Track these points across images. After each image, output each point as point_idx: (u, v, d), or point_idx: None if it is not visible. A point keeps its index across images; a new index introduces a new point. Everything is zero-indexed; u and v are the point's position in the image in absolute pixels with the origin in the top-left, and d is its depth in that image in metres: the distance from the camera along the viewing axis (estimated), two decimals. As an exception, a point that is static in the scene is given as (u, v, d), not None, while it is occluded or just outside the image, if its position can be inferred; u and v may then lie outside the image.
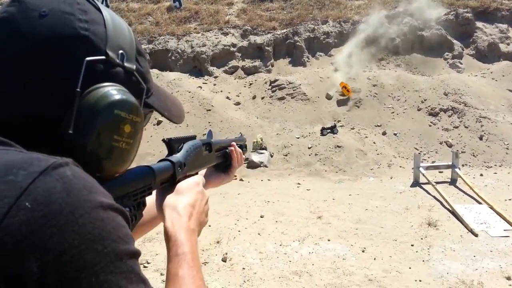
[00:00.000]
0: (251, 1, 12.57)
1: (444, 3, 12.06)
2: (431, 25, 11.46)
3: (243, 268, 4.01)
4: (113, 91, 0.58)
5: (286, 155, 7.69)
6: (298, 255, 4.32)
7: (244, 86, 9.99)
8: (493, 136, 8.09)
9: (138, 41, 0.68)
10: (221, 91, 9.71)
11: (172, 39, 10.97)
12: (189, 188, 0.83)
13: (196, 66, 10.59)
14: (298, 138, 8.12)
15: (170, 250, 0.71)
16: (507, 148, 7.82)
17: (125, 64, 0.62)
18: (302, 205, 5.82)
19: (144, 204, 0.74)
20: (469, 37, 11.48)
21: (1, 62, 0.55)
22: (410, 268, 3.99)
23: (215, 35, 11.17)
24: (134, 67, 0.64)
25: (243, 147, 1.33)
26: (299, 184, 6.85)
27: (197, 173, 0.95)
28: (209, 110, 8.60)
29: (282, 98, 9.29)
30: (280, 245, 4.55)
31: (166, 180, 0.82)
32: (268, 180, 7.05)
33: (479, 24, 11.65)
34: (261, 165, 7.36)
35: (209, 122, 8.39)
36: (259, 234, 4.86)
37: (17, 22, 0.55)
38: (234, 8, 12.39)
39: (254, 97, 9.53)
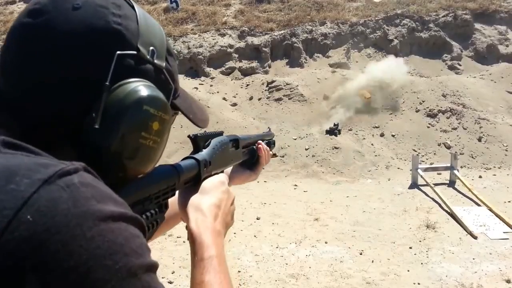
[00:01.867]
0: (248, 2, 12.53)
1: (442, 5, 12.05)
2: (430, 26, 11.44)
3: (239, 271, 3.95)
4: (143, 87, 0.56)
5: (283, 157, 7.63)
6: (294, 257, 4.25)
7: (241, 87, 9.93)
8: (492, 137, 8.04)
9: (168, 41, 0.67)
10: (218, 92, 9.65)
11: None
12: (214, 188, 0.80)
13: (192, 67, 10.53)
14: (295, 139, 8.06)
15: (196, 254, 0.67)
16: (506, 150, 7.77)
17: (155, 61, 0.61)
18: (299, 207, 5.76)
19: (166, 206, 0.70)
20: (467, 38, 11.46)
21: (32, 55, 0.54)
22: (408, 271, 3.93)
23: (212, 36, 11.12)
24: (164, 65, 0.63)
25: (271, 143, 1.28)
26: (296, 185, 6.78)
27: (222, 172, 0.91)
28: (206, 111, 8.54)
29: (279, 99, 9.23)
30: (277, 247, 4.49)
31: (191, 180, 0.78)
32: (265, 181, 6.99)
33: (477, 25, 11.64)
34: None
35: (205, 123, 8.33)
36: (255, 236, 4.79)
37: (49, 13, 0.54)
38: (231, 9, 12.34)
39: (251, 98, 9.47)
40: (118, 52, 0.55)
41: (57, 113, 0.54)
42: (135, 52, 0.58)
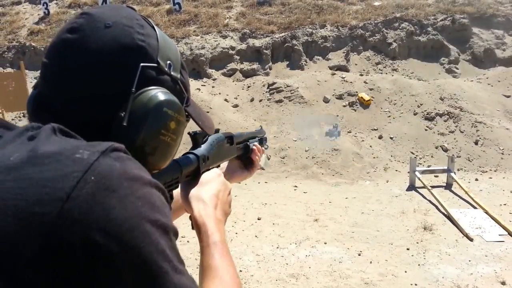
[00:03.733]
0: (250, 4, 12.62)
1: (441, 9, 12.16)
2: (428, 30, 11.55)
3: (240, 271, 4.05)
4: (162, 93, 0.66)
5: (283, 158, 7.72)
6: (295, 258, 4.35)
7: (242, 89, 10.02)
8: (488, 141, 8.15)
9: (182, 58, 0.77)
10: (220, 94, 9.74)
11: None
12: (212, 179, 0.89)
13: (195, 69, 10.61)
14: (295, 141, 8.15)
15: (202, 241, 0.77)
16: (502, 153, 7.88)
17: (172, 73, 0.70)
18: (299, 207, 5.86)
19: (172, 197, 0.78)
20: (465, 42, 11.56)
21: (69, 69, 0.63)
22: (406, 272, 4.03)
23: (214, 38, 11.20)
24: (179, 76, 0.73)
25: (263, 140, 1.39)
26: (296, 186, 6.88)
27: (219, 166, 1.00)
28: (208, 112, 8.61)
29: (279, 101, 9.33)
30: (277, 247, 4.58)
31: (191, 173, 0.86)
32: (265, 182, 7.08)
33: (475, 29, 11.74)
34: (258, 168, 7.38)
35: (207, 124, 8.39)
36: (256, 236, 4.89)
37: (85, 31, 0.63)
38: (233, 11, 12.42)
39: (252, 100, 9.56)
40: (142, 64, 0.65)
41: (91, 117, 0.63)
42: (155, 64, 0.67)
